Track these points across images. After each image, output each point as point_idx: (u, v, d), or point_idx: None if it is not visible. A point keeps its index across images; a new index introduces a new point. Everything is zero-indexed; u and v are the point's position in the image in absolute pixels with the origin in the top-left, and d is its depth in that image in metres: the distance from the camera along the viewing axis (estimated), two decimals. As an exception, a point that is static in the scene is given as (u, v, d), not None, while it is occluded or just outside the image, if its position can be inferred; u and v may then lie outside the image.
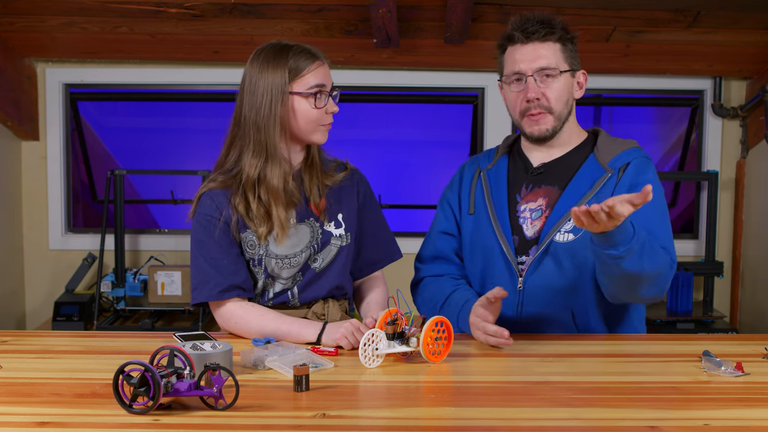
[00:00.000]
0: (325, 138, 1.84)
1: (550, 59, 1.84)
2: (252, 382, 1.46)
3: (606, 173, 1.86)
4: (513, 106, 1.90)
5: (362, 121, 4.71)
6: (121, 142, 4.62)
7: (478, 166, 2.02)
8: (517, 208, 1.91)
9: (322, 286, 1.89)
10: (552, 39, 1.84)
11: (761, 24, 3.33)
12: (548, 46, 1.84)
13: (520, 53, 1.85)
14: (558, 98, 1.85)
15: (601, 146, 1.91)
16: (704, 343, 1.75)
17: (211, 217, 1.82)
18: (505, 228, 1.88)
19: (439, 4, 3.20)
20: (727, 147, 3.85)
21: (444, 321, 1.60)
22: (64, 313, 3.54)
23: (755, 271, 3.74)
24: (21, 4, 3.26)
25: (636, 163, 1.86)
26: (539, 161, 1.94)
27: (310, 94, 1.78)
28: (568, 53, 1.87)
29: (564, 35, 1.86)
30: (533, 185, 1.91)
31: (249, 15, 3.31)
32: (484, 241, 1.91)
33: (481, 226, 1.93)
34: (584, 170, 1.89)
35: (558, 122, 1.87)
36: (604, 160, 1.88)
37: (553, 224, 1.84)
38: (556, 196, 1.88)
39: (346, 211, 1.91)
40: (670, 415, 1.30)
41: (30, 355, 1.67)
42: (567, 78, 1.87)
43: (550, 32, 1.84)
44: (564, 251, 1.82)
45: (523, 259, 1.87)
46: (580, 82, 1.92)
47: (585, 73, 1.93)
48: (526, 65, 1.84)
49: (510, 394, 1.41)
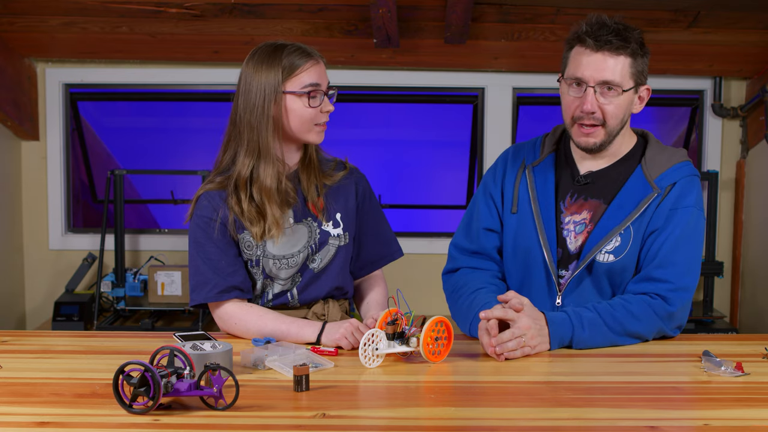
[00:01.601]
0: (321, 138, 1.83)
1: (616, 74, 1.73)
2: (252, 382, 1.46)
3: (652, 192, 1.79)
4: (567, 109, 1.80)
5: (362, 121, 4.71)
6: (121, 142, 4.62)
7: (523, 161, 1.92)
8: (562, 219, 1.84)
9: (321, 287, 1.88)
10: (624, 53, 1.73)
11: (761, 24, 3.33)
12: (618, 60, 1.73)
13: (587, 60, 1.74)
14: (614, 115, 1.76)
15: (650, 158, 1.83)
16: (704, 343, 1.75)
17: (208, 218, 1.82)
18: (551, 239, 1.82)
19: (439, 4, 3.20)
20: (727, 147, 3.85)
21: (444, 321, 1.60)
22: (64, 313, 3.55)
23: (755, 271, 3.74)
24: (21, 4, 3.26)
25: (682, 183, 1.79)
26: (586, 168, 1.86)
27: (303, 93, 1.77)
28: (636, 68, 1.76)
29: (637, 49, 1.75)
30: (578, 195, 1.85)
31: (249, 15, 3.31)
32: (528, 247, 1.84)
33: (524, 230, 1.85)
34: (630, 185, 1.81)
35: (608, 137, 1.79)
36: (652, 176, 1.80)
37: (597, 242, 1.78)
38: (601, 211, 1.81)
39: (344, 211, 1.91)
40: (670, 415, 1.30)
41: (30, 355, 1.67)
42: (629, 95, 1.77)
43: (623, 46, 1.72)
44: (604, 272, 1.78)
45: (562, 273, 1.82)
46: (641, 96, 1.81)
47: (649, 89, 1.82)
48: (590, 74, 1.73)
49: (510, 394, 1.41)
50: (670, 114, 4.35)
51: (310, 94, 1.77)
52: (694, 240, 1.79)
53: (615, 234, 1.77)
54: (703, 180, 3.80)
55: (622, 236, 1.77)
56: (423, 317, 1.61)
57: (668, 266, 1.74)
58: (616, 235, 1.77)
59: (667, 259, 1.74)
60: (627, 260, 1.77)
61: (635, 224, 1.77)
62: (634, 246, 1.77)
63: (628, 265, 1.78)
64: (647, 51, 1.79)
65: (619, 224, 1.78)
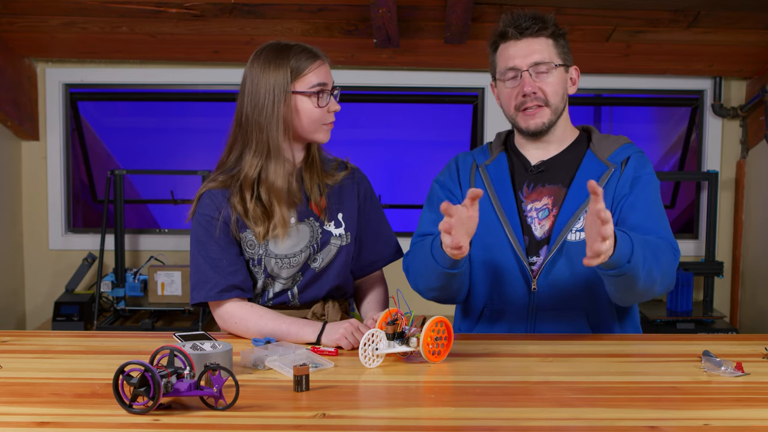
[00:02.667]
0: (328, 137, 1.84)
1: (544, 54, 1.85)
2: (252, 382, 1.46)
3: (609, 168, 1.87)
4: (507, 102, 1.89)
5: (362, 121, 4.72)
6: (121, 142, 4.63)
7: (474, 160, 1.99)
8: (524, 208, 1.89)
9: (321, 286, 1.89)
10: (545, 34, 1.86)
11: (761, 24, 3.33)
12: (541, 42, 1.85)
13: (514, 49, 1.86)
14: (554, 92, 1.86)
15: (597, 143, 1.93)
16: (704, 343, 1.75)
17: (210, 217, 1.83)
18: (516, 228, 1.86)
19: (439, 4, 3.20)
20: (727, 147, 3.85)
21: (444, 321, 1.60)
22: (64, 313, 3.55)
23: (755, 271, 3.74)
24: (21, 4, 3.26)
25: (635, 157, 1.89)
26: (537, 159, 1.93)
27: (312, 93, 1.78)
28: (560, 48, 1.88)
29: (556, 30, 1.87)
30: (534, 184, 1.90)
31: (249, 15, 3.31)
32: (494, 240, 1.87)
33: (487, 223, 1.87)
34: (586, 167, 1.89)
35: (554, 116, 1.88)
36: (603, 156, 1.89)
37: (564, 223, 1.83)
38: (563, 194, 1.87)
39: (346, 211, 1.91)
40: (670, 415, 1.30)
41: (30, 355, 1.67)
42: (561, 72, 1.88)
43: (542, 27, 1.85)
44: (577, 250, 1.81)
45: (533, 260, 1.86)
46: (573, 78, 1.93)
47: (578, 69, 1.94)
48: (520, 60, 1.85)
49: (510, 394, 1.41)
50: (670, 114, 4.35)
51: (319, 94, 1.78)
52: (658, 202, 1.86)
53: (581, 213, 1.82)
54: (703, 180, 3.80)
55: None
56: (423, 317, 1.61)
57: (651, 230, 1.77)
58: (582, 213, 1.82)
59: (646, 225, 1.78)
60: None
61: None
62: None
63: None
64: (564, 32, 1.90)
65: (583, 203, 1.83)
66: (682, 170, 4.07)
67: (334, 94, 1.83)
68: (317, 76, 1.79)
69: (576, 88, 1.94)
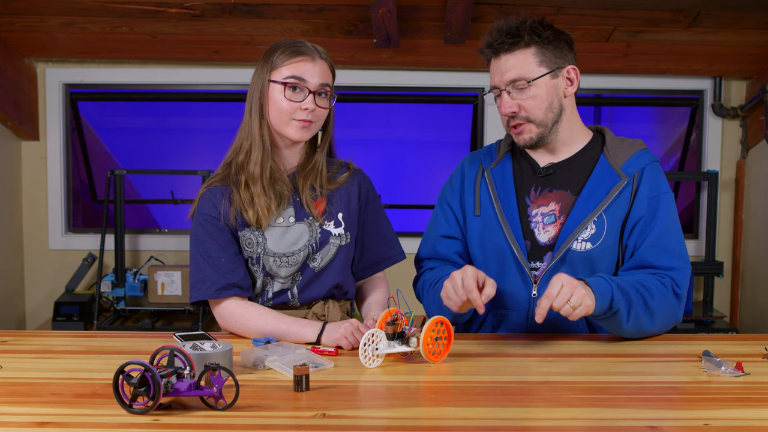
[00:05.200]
0: (301, 136, 1.82)
1: (520, 69, 1.77)
2: (252, 382, 1.46)
3: (621, 180, 1.81)
4: (501, 116, 1.87)
5: (362, 121, 4.72)
6: (121, 142, 4.63)
7: (481, 164, 1.96)
8: (528, 212, 1.86)
9: (321, 286, 1.89)
10: (519, 48, 1.78)
11: (761, 24, 3.33)
12: (517, 55, 1.78)
13: (493, 68, 1.83)
14: (536, 106, 1.79)
15: (611, 147, 1.86)
16: (704, 343, 1.75)
17: (209, 215, 1.83)
18: (517, 233, 1.84)
19: (439, 4, 3.21)
20: (727, 147, 3.85)
21: (444, 321, 1.60)
22: (64, 313, 3.55)
23: (755, 271, 3.74)
24: (21, 4, 3.27)
25: (650, 171, 1.82)
26: (546, 161, 1.89)
27: (284, 83, 1.79)
28: (543, 55, 1.78)
29: (533, 38, 1.77)
30: (542, 188, 1.87)
31: (249, 15, 3.31)
32: (496, 244, 1.86)
33: (490, 229, 1.87)
34: (597, 174, 1.84)
35: (543, 129, 1.82)
36: (617, 164, 1.83)
37: (570, 231, 1.80)
38: (571, 201, 1.83)
39: (346, 211, 1.91)
40: (670, 415, 1.30)
41: (30, 355, 1.67)
42: (546, 81, 1.79)
43: (514, 42, 1.77)
44: (581, 260, 1.80)
45: (536, 265, 1.84)
46: (569, 78, 1.83)
47: (575, 68, 1.83)
48: (498, 79, 1.81)
49: (510, 394, 1.41)
50: (670, 114, 4.36)
51: (288, 85, 1.78)
52: (674, 219, 1.84)
53: (588, 222, 1.80)
54: (703, 180, 3.80)
55: (596, 224, 1.80)
56: (423, 317, 1.62)
57: (666, 252, 1.78)
58: (590, 223, 1.80)
59: (664, 246, 1.78)
60: (604, 246, 1.80)
61: (608, 212, 1.80)
62: (610, 232, 1.80)
63: (606, 251, 1.80)
64: (553, 35, 1.80)
65: (591, 212, 1.81)
66: (682, 170, 4.07)
67: (319, 93, 1.82)
68: (294, 69, 1.79)
69: (575, 87, 1.84)
